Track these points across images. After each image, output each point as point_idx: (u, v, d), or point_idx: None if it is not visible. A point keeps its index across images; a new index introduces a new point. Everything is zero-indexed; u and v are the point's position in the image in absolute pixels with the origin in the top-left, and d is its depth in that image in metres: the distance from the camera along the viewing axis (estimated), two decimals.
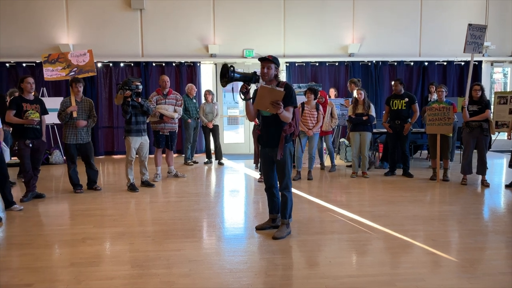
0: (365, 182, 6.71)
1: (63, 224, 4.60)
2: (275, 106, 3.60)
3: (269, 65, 3.83)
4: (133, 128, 6.06)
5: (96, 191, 6.11)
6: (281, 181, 4.02)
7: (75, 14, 9.64)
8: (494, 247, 3.81)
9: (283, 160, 3.92)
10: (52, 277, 3.17)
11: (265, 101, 3.65)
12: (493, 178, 6.90)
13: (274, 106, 3.61)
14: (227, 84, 3.78)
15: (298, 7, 9.99)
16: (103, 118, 9.89)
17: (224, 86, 3.84)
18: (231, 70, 3.68)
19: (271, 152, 3.98)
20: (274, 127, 3.91)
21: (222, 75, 3.77)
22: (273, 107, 3.62)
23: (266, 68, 3.83)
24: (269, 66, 3.83)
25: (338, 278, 3.09)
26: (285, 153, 3.92)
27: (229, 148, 10.25)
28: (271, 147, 3.96)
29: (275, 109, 3.63)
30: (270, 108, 3.64)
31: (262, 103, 3.69)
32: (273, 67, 3.85)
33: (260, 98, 3.68)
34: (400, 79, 7.13)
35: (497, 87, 11.46)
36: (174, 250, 3.68)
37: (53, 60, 6.17)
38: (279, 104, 3.60)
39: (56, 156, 8.85)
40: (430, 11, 10.27)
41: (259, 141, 4.09)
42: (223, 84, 3.79)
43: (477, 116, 6.14)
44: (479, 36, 6.49)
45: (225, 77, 3.74)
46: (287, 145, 3.93)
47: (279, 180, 4.04)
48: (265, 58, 3.83)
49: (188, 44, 9.90)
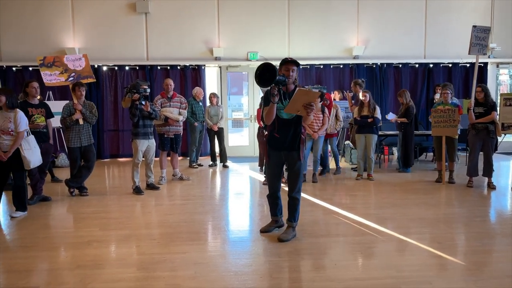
0: (371, 184, 6.68)
1: (69, 226, 4.63)
2: (308, 108, 3.61)
3: (293, 68, 3.85)
4: (141, 131, 6.08)
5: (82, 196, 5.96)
6: (295, 185, 3.98)
7: (80, 18, 9.71)
8: (501, 250, 3.78)
9: (300, 163, 3.93)
10: (58, 279, 3.18)
11: (298, 104, 3.64)
12: (499, 180, 6.85)
13: (307, 108, 3.61)
14: (269, 85, 3.62)
15: (303, 9, 10.00)
16: (109, 121, 9.93)
17: (266, 87, 3.68)
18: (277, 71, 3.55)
19: (288, 155, 3.95)
20: (293, 130, 3.90)
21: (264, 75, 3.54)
22: (305, 109, 3.62)
23: (291, 70, 3.84)
24: (293, 68, 3.85)
25: (344, 281, 3.08)
26: (303, 156, 3.97)
27: (234, 151, 10.25)
28: (289, 150, 3.93)
29: (308, 111, 3.64)
30: (302, 110, 3.65)
31: (294, 106, 3.67)
32: (296, 69, 3.89)
33: (294, 101, 3.64)
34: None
35: (503, 89, 11.38)
36: (179, 252, 3.69)
37: (49, 63, 6.12)
38: (312, 106, 3.62)
39: (62, 159, 8.89)
40: (435, 13, 10.23)
41: (271, 144, 4.02)
42: (265, 85, 3.63)
43: (483, 118, 6.10)
44: (484, 37, 6.48)
45: (264, 77, 3.54)
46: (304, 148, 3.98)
47: (292, 183, 3.99)
48: (290, 60, 3.83)
49: (192, 47, 9.94)
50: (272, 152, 4.02)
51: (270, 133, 4.00)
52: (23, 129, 4.85)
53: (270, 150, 4.04)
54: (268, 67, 3.53)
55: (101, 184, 6.96)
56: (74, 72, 6.18)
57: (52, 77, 6.10)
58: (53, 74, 6.12)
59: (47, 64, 6.11)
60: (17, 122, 4.78)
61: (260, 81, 3.58)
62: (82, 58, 6.30)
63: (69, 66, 6.18)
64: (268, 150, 4.05)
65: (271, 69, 3.51)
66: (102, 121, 9.82)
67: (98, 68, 9.71)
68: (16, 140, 4.78)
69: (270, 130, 3.99)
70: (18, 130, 4.79)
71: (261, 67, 3.57)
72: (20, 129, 4.80)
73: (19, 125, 4.80)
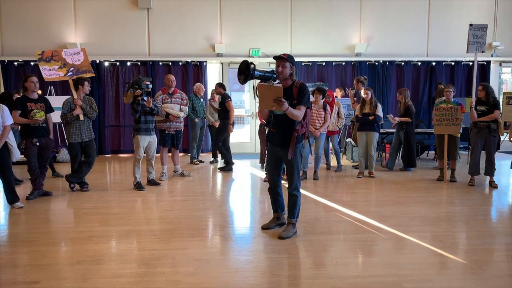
0: (372, 182, 6.67)
1: (69, 222, 4.62)
2: (278, 103, 3.55)
3: (284, 64, 3.77)
4: (142, 127, 6.07)
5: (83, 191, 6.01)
6: (291, 182, 3.97)
7: (82, 13, 9.69)
8: (502, 249, 3.76)
9: (293, 160, 3.89)
10: (58, 274, 3.18)
11: (269, 100, 3.59)
12: (501, 179, 6.83)
13: (278, 103, 3.55)
14: (245, 82, 3.71)
15: (305, 6, 9.96)
16: (110, 117, 9.93)
17: (243, 83, 3.76)
18: (251, 67, 3.61)
19: (280, 151, 3.94)
20: (286, 126, 3.86)
21: (241, 71, 3.70)
22: (277, 104, 3.56)
23: (281, 66, 3.77)
24: (284, 64, 3.77)
25: (344, 279, 3.07)
26: (296, 153, 3.88)
27: (235, 148, 10.22)
28: (281, 147, 3.91)
29: (279, 106, 3.56)
30: (275, 106, 3.59)
31: (266, 102, 3.64)
32: (288, 65, 3.80)
33: (262, 97, 3.64)
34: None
35: (506, 87, 11.35)
36: (180, 249, 3.68)
37: (47, 58, 6.08)
38: (282, 100, 3.54)
39: (63, 154, 8.89)
40: (438, 11, 10.19)
41: (269, 138, 4.05)
42: (241, 81, 3.72)
43: (486, 117, 6.08)
44: (481, 35, 6.49)
45: (243, 74, 3.68)
46: (298, 146, 3.89)
47: (289, 180, 4.00)
48: (280, 56, 3.78)
49: (194, 43, 9.92)
50: (270, 147, 4.05)
51: (269, 128, 4.05)
52: (10, 122, 4.98)
53: (268, 144, 4.07)
54: (247, 64, 3.64)
55: (102, 180, 6.96)
56: (73, 67, 6.12)
57: (52, 72, 6.05)
58: (52, 69, 6.07)
59: (45, 58, 6.06)
60: (4, 117, 4.92)
61: (239, 76, 3.69)
62: (80, 52, 6.24)
63: (67, 60, 6.12)
64: (267, 144, 4.10)
65: (248, 65, 3.62)
66: (104, 117, 9.82)
67: (100, 64, 9.70)
68: (3, 133, 4.90)
69: (270, 126, 4.02)
70: (5, 124, 4.92)
71: (242, 65, 3.66)
72: (7, 123, 4.94)
73: (6, 119, 4.94)
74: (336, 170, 7.63)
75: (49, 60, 6.09)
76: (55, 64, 6.08)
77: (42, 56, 6.08)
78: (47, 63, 6.06)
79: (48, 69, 6.04)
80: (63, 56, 6.11)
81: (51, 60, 6.08)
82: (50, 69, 6.05)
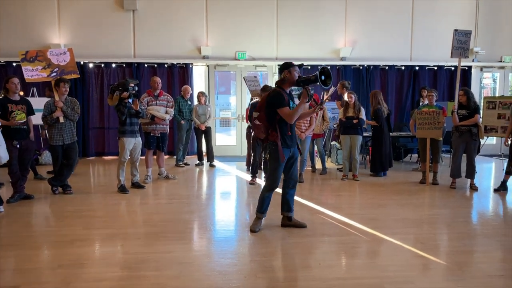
0: (356, 185, 6.74)
1: (51, 225, 4.56)
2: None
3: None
4: (128, 129, 6.01)
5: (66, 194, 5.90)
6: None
7: (66, 13, 9.57)
8: (482, 250, 3.85)
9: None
10: (39, 279, 3.13)
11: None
12: (481, 182, 6.97)
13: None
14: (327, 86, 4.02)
15: (291, 10, 10.02)
16: (94, 119, 9.81)
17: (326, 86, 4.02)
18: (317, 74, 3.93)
19: (295, 151, 4.26)
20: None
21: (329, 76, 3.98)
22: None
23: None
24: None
25: (327, 281, 3.10)
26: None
27: (221, 150, 10.23)
28: (295, 147, 4.26)
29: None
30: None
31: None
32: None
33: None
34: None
35: (487, 92, 11.59)
36: (164, 252, 3.66)
37: (31, 58, 5.95)
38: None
39: (46, 156, 8.76)
40: (422, 16, 10.36)
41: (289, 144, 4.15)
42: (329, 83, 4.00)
43: (467, 121, 6.20)
44: (465, 41, 6.62)
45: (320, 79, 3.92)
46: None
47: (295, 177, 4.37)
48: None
49: (180, 45, 9.88)
50: (286, 150, 4.14)
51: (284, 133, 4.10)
52: None
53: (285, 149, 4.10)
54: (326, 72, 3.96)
55: (85, 183, 6.88)
56: (58, 67, 6.00)
57: (34, 73, 5.92)
58: (35, 70, 5.94)
59: (29, 58, 5.94)
60: None
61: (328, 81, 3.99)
62: (67, 52, 6.12)
63: (52, 60, 6.00)
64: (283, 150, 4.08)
65: (328, 74, 3.95)
66: (88, 119, 9.71)
67: (84, 65, 9.59)
68: None
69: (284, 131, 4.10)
70: None
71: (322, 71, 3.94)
72: None
73: None
74: (321, 172, 7.68)
75: (33, 60, 5.97)
76: (39, 65, 5.97)
77: (25, 56, 5.97)
78: (30, 63, 5.94)
79: (30, 70, 5.92)
80: (48, 56, 6.00)
81: (35, 60, 5.97)
82: (33, 69, 5.94)
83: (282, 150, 4.05)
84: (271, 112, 4.06)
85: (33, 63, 5.96)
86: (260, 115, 4.16)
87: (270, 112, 4.06)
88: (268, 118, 4.08)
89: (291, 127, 4.17)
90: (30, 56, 5.96)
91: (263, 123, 4.12)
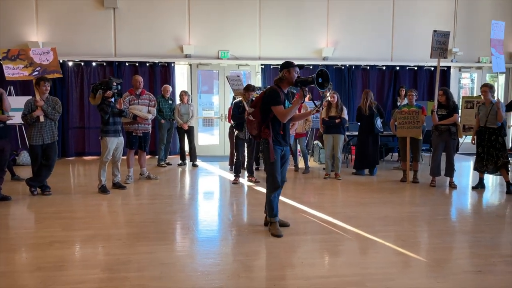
0: (338, 183, 6.79)
1: (30, 227, 4.46)
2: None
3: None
4: (111, 129, 5.92)
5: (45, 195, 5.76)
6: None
7: (44, 11, 9.36)
8: (460, 246, 3.94)
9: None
10: (17, 282, 3.06)
11: None
12: (460, 180, 7.12)
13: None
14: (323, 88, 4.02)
15: (274, 10, 10.04)
16: (74, 119, 9.63)
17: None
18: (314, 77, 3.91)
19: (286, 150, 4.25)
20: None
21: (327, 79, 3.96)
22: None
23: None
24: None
25: (310, 279, 3.12)
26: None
27: (204, 150, 10.18)
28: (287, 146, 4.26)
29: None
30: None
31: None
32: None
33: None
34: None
35: (465, 92, 11.85)
36: (145, 253, 3.62)
37: (13, 56, 5.86)
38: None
39: (24, 157, 8.56)
40: (402, 17, 10.51)
41: (281, 142, 4.14)
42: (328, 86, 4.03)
43: (445, 120, 6.32)
44: (444, 41, 6.75)
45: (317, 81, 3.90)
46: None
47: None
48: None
49: (162, 44, 9.79)
50: (282, 148, 4.16)
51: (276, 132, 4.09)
52: None
53: (276, 147, 4.08)
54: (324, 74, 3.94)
55: (65, 183, 6.75)
56: (40, 66, 5.91)
57: (15, 71, 5.82)
58: (16, 68, 5.84)
59: (10, 57, 5.85)
60: None
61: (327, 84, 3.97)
62: (50, 51, 6.03)
63: (34, 59, 5.90)
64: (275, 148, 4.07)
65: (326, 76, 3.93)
66: (67, 118, 9.52)
67: (64, 64, 9.39)
68: None
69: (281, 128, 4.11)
70: None
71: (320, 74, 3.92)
72: None
73: None
74: (303, 172, 7.72)
75: (15, 59, 5.89)
76: (20, 63, 5.87)
77: (7, 54, 5.89)
78: (11, 62, 5.86)
79: (11, 68, 5.83)
80: (31, 55, 5.91)
81: (16, 59, 5.88)
82: (14, 68, 5.85)
83: (273, 148, 4.04)
84: (265, 109, 4.04)
85: (15, 62, 5.88)
86: (255, 111, 4.13)
87: (265, 109, 4.04)
88: (262, 115, 4.07)
89: (284, 126, 4.15)
90: (11, 55, 5.87)
91: (256, 120, 4.10)
